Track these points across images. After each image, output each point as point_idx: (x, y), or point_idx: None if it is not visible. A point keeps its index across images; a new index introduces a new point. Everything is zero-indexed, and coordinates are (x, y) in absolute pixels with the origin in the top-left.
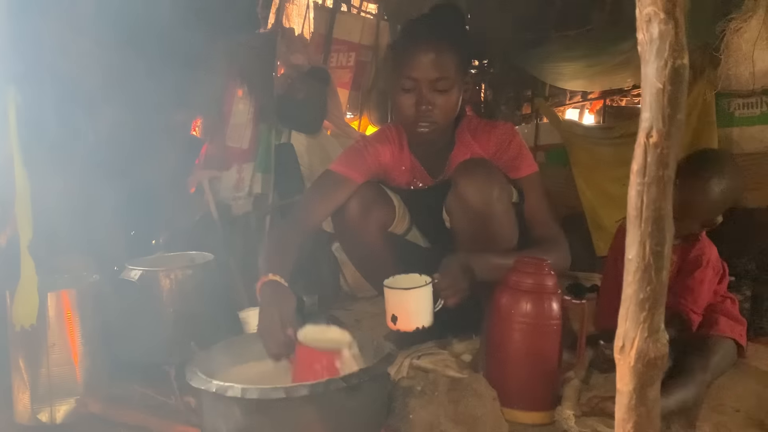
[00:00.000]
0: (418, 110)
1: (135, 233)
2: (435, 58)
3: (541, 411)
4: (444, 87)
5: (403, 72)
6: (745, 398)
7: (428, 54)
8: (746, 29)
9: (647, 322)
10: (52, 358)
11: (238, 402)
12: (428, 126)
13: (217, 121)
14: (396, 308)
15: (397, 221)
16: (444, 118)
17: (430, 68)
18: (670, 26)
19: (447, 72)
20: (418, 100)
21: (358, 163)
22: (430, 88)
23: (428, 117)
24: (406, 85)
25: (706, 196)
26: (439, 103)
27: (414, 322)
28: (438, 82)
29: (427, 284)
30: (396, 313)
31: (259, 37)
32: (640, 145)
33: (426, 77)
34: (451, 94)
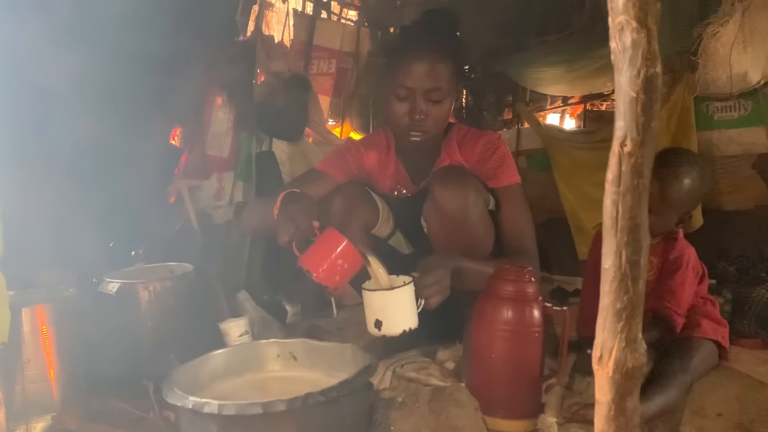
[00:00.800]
0: (412, 119)
1: (114, 244)
2: (430, 69)
3: (524, 419)
4: (438, 97)
5: (398, 80)
6: (727, 402)
7: (424, 64)
8: (723, 33)
9: (625, 332)
10: (27, 375)
11: (215, 418)
12: (420, 135)
13: (196, 129)
14: (379, 312)
15: (381, 223)
16: (436, 127)
17: (425, 78)
18: (642, 35)
19: (441, 82)
20: (411, 109)
21: (338, 163)
22: (424, 97)
23: (421, 126)
24: (401, 93)
25: (675, 189)
26: (432, 113)
27: (401, 325)
28: (432, 92)
29: (409, 283)
30: (380, 317)
31: (239, 44)
32: (615, 154)
33: (421, 87)
34: (444, 104)
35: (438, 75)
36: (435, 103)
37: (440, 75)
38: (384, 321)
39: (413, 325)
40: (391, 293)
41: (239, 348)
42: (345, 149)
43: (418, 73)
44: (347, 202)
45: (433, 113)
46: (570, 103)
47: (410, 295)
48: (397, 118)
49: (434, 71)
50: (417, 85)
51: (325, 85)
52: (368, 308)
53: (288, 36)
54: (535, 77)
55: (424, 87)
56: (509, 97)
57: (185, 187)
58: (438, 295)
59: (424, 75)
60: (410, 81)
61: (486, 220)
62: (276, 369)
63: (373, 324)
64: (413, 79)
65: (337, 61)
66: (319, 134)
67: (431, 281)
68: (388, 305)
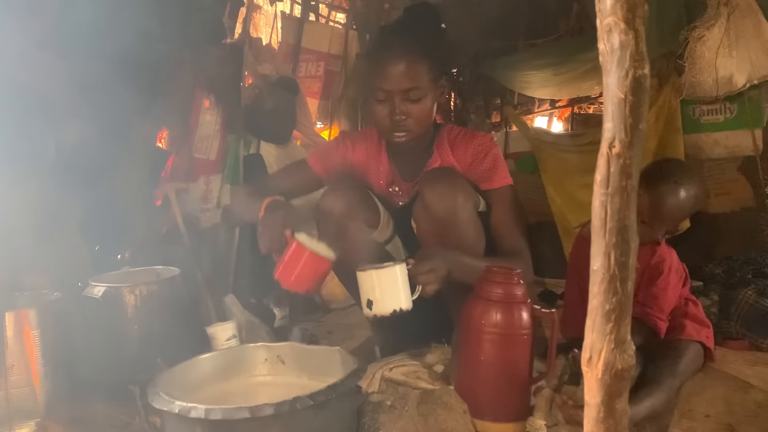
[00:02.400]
0: (392, 120)
1: (99, 248)
2: (406, 69)
3: (513, 422)
4: (417, 96)
5: (376, 83)
6: (714, 403)
7: (398, 65)
8: (709, 37)
9: (614, 333)
10: (11, 380)
11: (202, 423)
12: (404, 135)
13: (183, 132)
14: (370, 291)
15: (381, 227)
16: (419, 126)
17: (401, 79)
18: (631, 36)
19: (419, 81)
20: (391, 111)
21: (324, 157)
22: (402, 98)
23: (403, 126)
24: (380, 96)
25: (670, 204)
26: (413, 113)
27: (390, 304)
28: (410, 92)
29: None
30: (371, 296)
31: (226, 47)
32: (603, 156)
33: (398, 88)
34: (424, 102)
35: (414, 74)
36: (414, 102)
37: (417, 74)
38: (374, 300)
39: (404, 306)
40: (381, 271)
41: (226, 352)
42: (334, 143)
43: (394, 74)
44: (349, 204)
45: (414, 112)
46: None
47: (400, 275)
48: (379, 120)
49: (410, 71)
50: (394, 86)
51: (313, 88)
52: (361, 290)
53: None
54: (522, 80)
55: (401, 87)
56: (497, 100)
57: (172, 190)
58: (433, 283)
59: (400, 75)
60: (387, 83)
61: (475, 222)
62: (264, 373)
63: (366, 305)
64: (389, 80)
65: (326, 63)
66: (307, 137)
67: (426, 268)
68: (379, 284)
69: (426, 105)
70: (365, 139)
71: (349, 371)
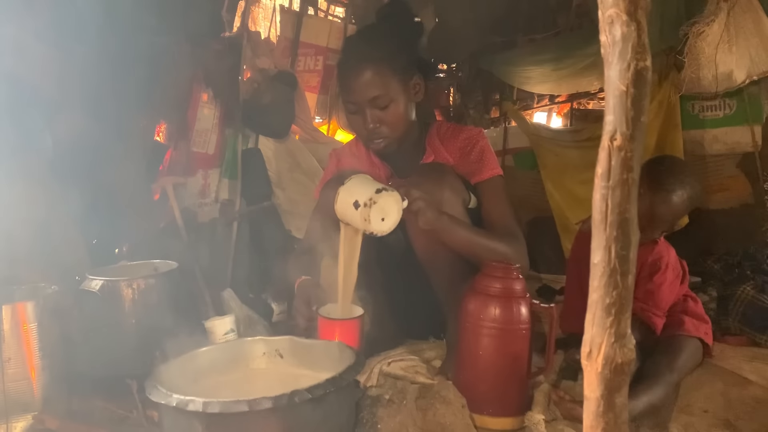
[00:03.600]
0: (366, 129)
1: (97, 242)
2: (368, 78)
3: (512, 416)
4: (384, 103)
5: (344, 96)
6: (712, 399)
7: (360, 75)
8: (709, 33)
9: (614, 327)
10: (7, 373)
11: (200, 416)
12: (381, 141)
13: (181, 126)
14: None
15: None
16: (394, 130)
17: (365, 89)
18: (633, 28)
19: (384, 88)
20: (363, 120)
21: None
22: (371, 106)
23: (378, 133)
24: (350, 108)
25: (668, 208)
26: (385, 119)
27: None
28: (377, 99)
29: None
30: None
31: (225, 40)
32: (604, 149)
33: (364, 98)
34: (395, 106)
35: (378, 82)
36: (383, 108)
37: (380, 81)
38: None
39: None
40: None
41: (224, 346)
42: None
43: (358, 84)
44: None
45: (385, 119)
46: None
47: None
48: (356, 131)
49: (373, 79)
50: (360, 97)
51: (312, 82)
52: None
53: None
54: (522, 76)
55: (367, 97)
56: (496, 96)
57: (170, 184)
58: (422, 210)
59: (364, 85)
60: (353, 95)
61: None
62: (262, 367)
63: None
64: (354, 92)
65: (324, 58)
66: (305, 131)
67: (418, 194)
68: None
69: (398, 109)
70: (351, 148)
71: (347, 365)
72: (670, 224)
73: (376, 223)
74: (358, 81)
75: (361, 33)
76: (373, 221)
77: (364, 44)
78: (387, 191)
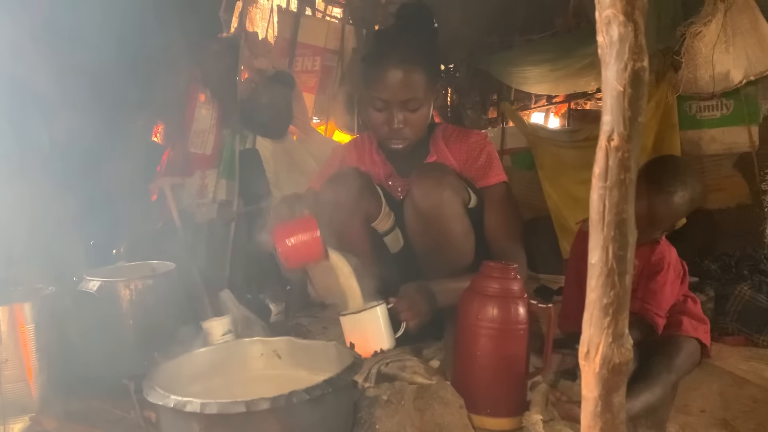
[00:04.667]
0: (390, 128)
1: (95, 242)
2: (404, 79)
3: (509, 417)
4: (414, 107)
5: (374, 92)
6: (710, 398)
7: (396, 75)
8: (706, 33)
9: (611, 327)
10: (4, 375)
11: (198, 417)
12: (401, 142)
13: (179, 126)
14: (351, 335)
15: (382, 218)
16: (415, 133)
17: (399, 90)
18: (630, 29)
19: (417, 92)
20: (389, 119)
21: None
22: (400, 107)
23: (400, 134)
24: (377, 105)
25: (669, 208)
26: (410, 121)
27: (371, 346)
28: (409, 102)
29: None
30: (353, 339)
31: (222, 41)
32: (602, 149)
33: (396, 98)
34: (423, 110)
35: (413, 85)
36: (412, 111)
37: (415, 84)
38: (357, 343)
39: (386, 346)
40: (360, 315)
41: (222, 347)
42: (330, 158)
43: (392, 84)
44: (352, 191)
45: (411, 121)
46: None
47: (381, 317)
48: (376, 128)
49: (408, 81)
50: (392, 97)
51: (310, 83)
52: (344, 333)
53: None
54: (519, 76)
55: (399, 98)
56: (494, 96)
57: (167, 184)
58: (414, 318)
59: (399, 86)
60: (385, 93)
61: (462, 219)
62: (260, 368)
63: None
64: (388, 90)
65: (322, 58)
66: (303, 132)
67: (405, 306)
68: (358, 328)
69: (423, 114)
70: (356, 144)
71: (345, 366)
72: (671, 224)
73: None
74: (395, 79)
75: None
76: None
77: (404, 45)
78: None
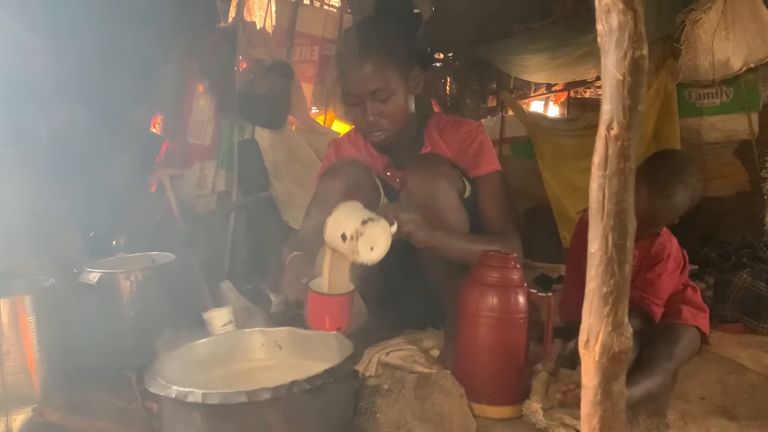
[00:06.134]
0: (366, 121)
1: (95, 234)
2: (370, 71)
3: (510, 405)
4: (385, 96)
5: (344, 88)
6: (709, 386)
7: (361, 68)
8: (705, 20)
9: (611, 316)
10: (7, 367)
11: (199, 407)
12: (381, 134)
13: (177, 117)
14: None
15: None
16: (394, 123)
17: (366, 81)
18: (629, 17)
19: (385, 81)
20: (363, 113)
21: None
22: (371, 99)
23: (377, 126)
24: (350, 100)
25: (669, 210)
26: (385, 112)
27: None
28: (378, 92)
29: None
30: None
31: (220, 31)
32: (601, 138)
33: (364, 90)
34: (395, 99)
35: (379, 74)
36: (383, 101)
37: (382, 74)
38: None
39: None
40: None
41: (223, 337)
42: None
43: (359, 77)
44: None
45: (385, 112)
46: (554, 90)
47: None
48: (355, 122)
49: (374, 72)
50: (360, 90)
51: (308, 73)
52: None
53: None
54: (518, 64)
55: (367, 89)
56: (493, 85)
57: (166, 176)
58: (411, 222)
59: (365, 78)
60: (353, 87)
61: (457, 209)
62: (261, 358)
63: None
64: (355, 84)
65: (320, 48)
66: (302, 122)
67: (407, 217)
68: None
69: (398, 102)
70: (350, 138)
71: (345, 356)
72: (670, 222)
73: (365, 254)
74: (359, 73)
75: (362, 25)
76: (362, 253)
77: (365, 36)
78: (373, 221)
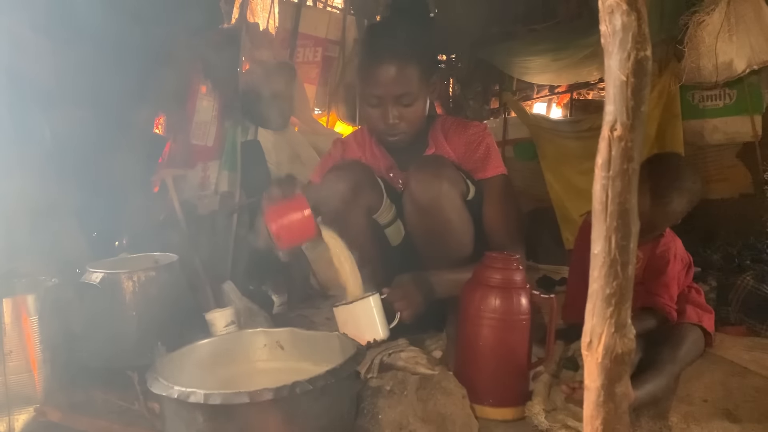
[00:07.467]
0: (386, 124)
1: (97, 234)
2: (397, 75)
3: (512, 407)
4: (409, 101)
5: (368, 88)
6: (712, 388)
7: (389, 71)
8: (709, 22)
9: (614, 318)
10: (9, 366)
11: (201, 408)
12: (397, 137)
13: (180, 118)
14: (345, 326)
15: (383, 210)
16: (412, 127)
17: (392, 85)
18: (633, 18)
19: (410, 86)
20: (384, 115)
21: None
22: (394, 102)
23: (396, 129)
24: (372, 101)
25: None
26: (405, 116)
27: (365, 337)
28: (402, 97)
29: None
30: (346, 330)
31: (223, 32)
32: (605, 139)
33: (390, 94)
34: (418, 104)
35: (406, 80)
36: (406, 106)
37: (408, 79)
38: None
39: (380, 336)
40: (352, 306)
41: (225, 338)
42: (331, 151)
43: (385, 80)
44: (354, 182)
45: (407, 116)
46: (557, 92)
47: (374, 306)
48: (372, 123)
49: (401, 77)
50: (385, 93)
51: (311, 74)
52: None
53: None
54: (521, 66)
55: (393, 93)
56: (496, 87)
57: (169, 176)
58: (408, 309)
59: (392, 82)
60: (378, 89)
61: (460, 211)
62: (263, 358)
63: None
64: (381, 86)
65: (323, 49)
66: (305, 123)
67: (399, 296)
68: (351, 318)
69: (419, 107)
70: (356, 137)
71: (348, 356)
72: (669, 226)
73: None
74: (388, 75)
75: (388, 26)
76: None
77: (395, 40)
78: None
